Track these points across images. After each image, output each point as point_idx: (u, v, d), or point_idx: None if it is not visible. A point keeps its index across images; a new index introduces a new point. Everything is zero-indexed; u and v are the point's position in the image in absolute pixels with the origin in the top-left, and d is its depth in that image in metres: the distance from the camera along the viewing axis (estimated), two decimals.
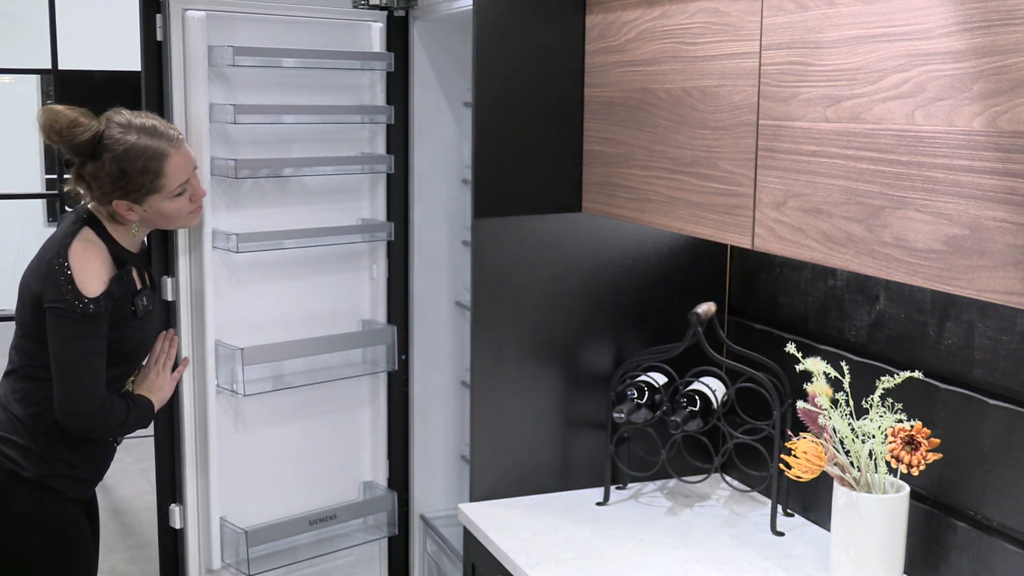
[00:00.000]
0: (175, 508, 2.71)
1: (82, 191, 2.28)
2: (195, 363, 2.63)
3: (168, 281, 2.57)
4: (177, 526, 2.72)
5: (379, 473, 3.00)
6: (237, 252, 2.60)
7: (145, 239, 2.45)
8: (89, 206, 2.30)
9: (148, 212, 2.27)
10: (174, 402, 2.62)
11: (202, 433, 2.67)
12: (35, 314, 2.23)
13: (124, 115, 2.25)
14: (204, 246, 2.58)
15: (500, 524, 2.23)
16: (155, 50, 2.52)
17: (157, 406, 2.45)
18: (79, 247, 2.22)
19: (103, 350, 2.24)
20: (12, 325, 2.33)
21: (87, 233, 2.25)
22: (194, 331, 2.62)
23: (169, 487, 2.71)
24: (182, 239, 2.56)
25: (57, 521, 2.31)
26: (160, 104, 2.52)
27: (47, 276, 2.19)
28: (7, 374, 2.33)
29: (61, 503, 2.31)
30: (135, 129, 2.22)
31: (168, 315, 2.60)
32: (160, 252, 2.56)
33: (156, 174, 2.22)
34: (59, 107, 2.20)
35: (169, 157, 2.23)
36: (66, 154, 2.24)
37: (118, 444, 2.46)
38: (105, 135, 2.21)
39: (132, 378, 2.45)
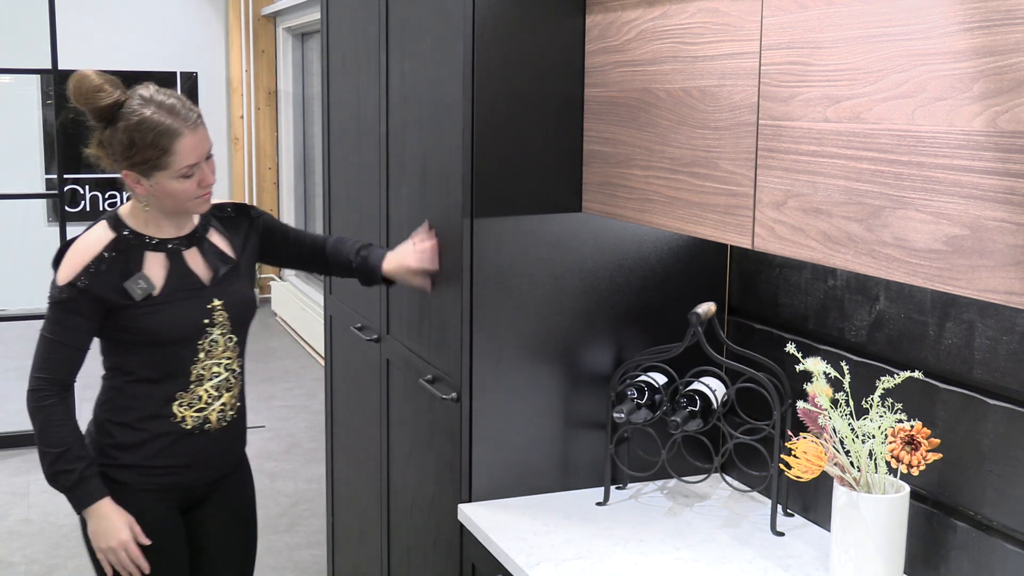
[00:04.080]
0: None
1: (101, 156, 2.34)
2: None
3: None
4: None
5: None
6: None
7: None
8: (120, 209, 2.37)
9: (154, 188, 2.28)
10: None
11: None
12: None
13: (149, 89, 2.29)
14: None
15: (500, 524, 2.23)
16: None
17: (93, 519, 2.30)
18: (81, 240, 2.32)
19: (64, 341, 2.28)
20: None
21: (97, 228, 2.33)
22: None
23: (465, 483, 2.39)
24: None
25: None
26: None
27: None
28: None
29: (129, 495, 2.35)
30: (154, 104, 2.25)
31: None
32: None
33: (164, 151, 2.23)
34: (89, 72, 2.25)
35: (181, 137, 2.24)
36: (88, 118, 2.30)
37: (199, 432, 2.37)
38: (125, 104, 2.26)
39: (197, 373, 2.36)
